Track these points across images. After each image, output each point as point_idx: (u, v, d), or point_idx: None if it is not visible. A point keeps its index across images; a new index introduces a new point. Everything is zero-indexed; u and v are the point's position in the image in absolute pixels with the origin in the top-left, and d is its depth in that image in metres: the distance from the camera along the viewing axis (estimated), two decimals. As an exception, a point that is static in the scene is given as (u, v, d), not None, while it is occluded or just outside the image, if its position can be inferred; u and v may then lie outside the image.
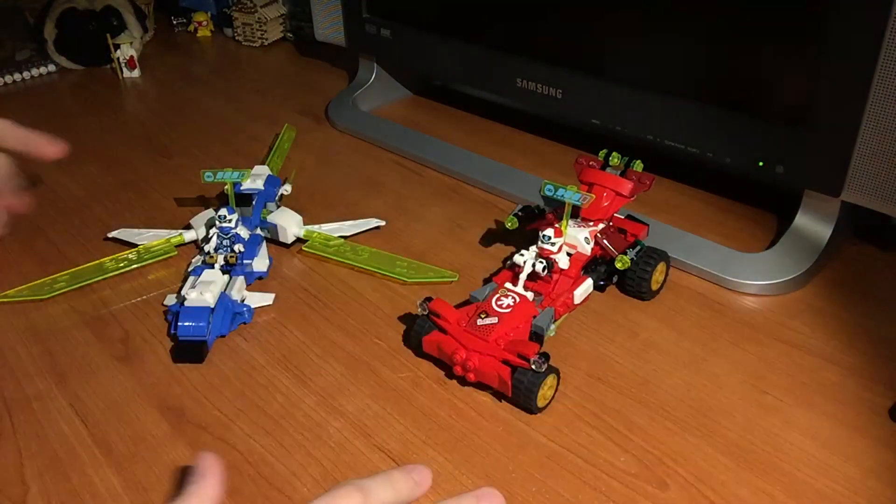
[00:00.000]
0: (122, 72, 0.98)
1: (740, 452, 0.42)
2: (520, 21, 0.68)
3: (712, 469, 0.41)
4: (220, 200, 0.67)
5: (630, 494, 0.40)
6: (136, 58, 0.98)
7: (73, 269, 0.58)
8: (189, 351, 0.49)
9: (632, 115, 0.62)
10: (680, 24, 0.58)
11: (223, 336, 0.51)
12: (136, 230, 0.62)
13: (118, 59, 0.97)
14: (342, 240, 0.60)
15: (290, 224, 0.60)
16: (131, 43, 0.99)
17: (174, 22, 1.15)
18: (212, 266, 0.53)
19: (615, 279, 0.54)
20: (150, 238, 0.61)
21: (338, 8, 0.83)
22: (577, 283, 0.50)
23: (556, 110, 0.68)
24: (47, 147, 0.52)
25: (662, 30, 0.59)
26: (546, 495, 0.40)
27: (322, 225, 0.62)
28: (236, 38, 1.09)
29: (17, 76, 0.97)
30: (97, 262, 0.59)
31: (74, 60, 1.00)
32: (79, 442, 0.44)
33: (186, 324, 0.49)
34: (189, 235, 0.61)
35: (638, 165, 0.53)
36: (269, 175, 0.63)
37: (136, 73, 0.98)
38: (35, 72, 0.98)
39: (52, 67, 1.00)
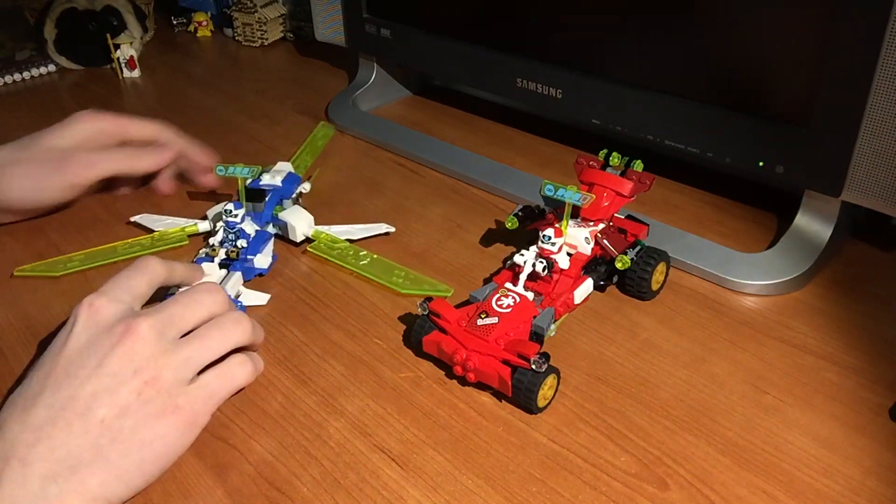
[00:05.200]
0: (122, 72, 0.98)
1: (740, 452, 0.42)
2: (520, 21, 0.68)
3: (712, 469, 0.41)
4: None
5: (630, 494, 0.40)
6: (136, 58, 0.98)
7: (87, 250, 0.60)
8: None
9: (632, 115, 0.62)
10: (680, 24, 0.58)
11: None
12: (155, 216, 0.64)
13: (118, 59, 0.97)
14: (347, 243, 0.60)
15: (299, 223, 0.60)
16: (131, 43, 0.98)
17: (174, 22, 1.15)
18: (212, 259, 0.54)
19: (615, 279, 0.54)
20: (169, 225, 0.62)
21: (338, 8, 0.83)
22: (577, 283, 0.50)
23: (556, 110, 0.68)
24: (200, 158, 0.67)
25: (663, 30, 0.59)
26: (546, 495, 0.40)
27: (332, 226, 0.62)
28: (236, 38, 1.09)
29: (17, 76, 0.97)
30: (111, 245, 0.60)
31: (74, 60, 1.00)
32: (79, 442, 0.44)
33: None
34: (203, 226, 0.62)
35: (638, 165, 0.53)
36: (290, 172, 0.63)
37: (136, 73, 0.98)
38: (35, 72, 0.98)
39: (52, 67, 1.00)
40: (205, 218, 0.62)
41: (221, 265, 0.54)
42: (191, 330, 0.43)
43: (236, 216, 0.55)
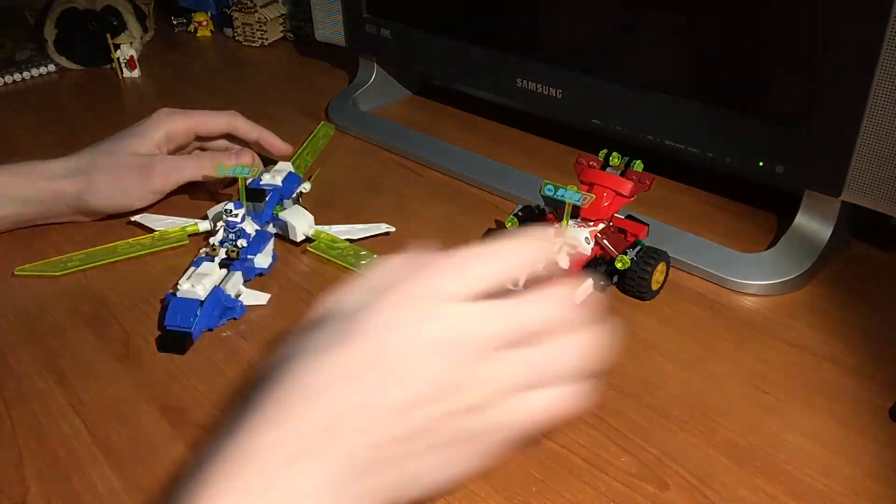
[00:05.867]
0: (122, 72, 0.98)
1: (740, 452, 0.42)
2: (520, 21, 0.68)
3: (712, 469, 0.41)
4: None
5: (630, 494, 0.40)
6: (136, 58, 0.98)
7: (87, 250, 0.60)
8: (174, 341, 0.50)
9: (632, 115, 0.62)
10: (680, 23, 0.58)
11: (210, 329, 0.52)
12: (156, 216, 0.64)
13: (118, 59, 0.97)
14: (347, 243, 0.60)
15: (300, 223, 0.60)
16: (131, 43, 0.99)
17: (174, 22, 1.15)
18: (212, 259, 0.54)
19: (615, 279, 0.54)
20: (169, 225, 0.62)
21: (338, 8, 0.83)
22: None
23: (556, 110, 0.68)
24: (277, 144, 0.70)
25: (663, 29, 0.59)
26: (546, 495, 0.40)
27: (332, 226, 0.62)
28: (236, 38, 1.09)
29: (17, 76, 0.97)
30: (111, 244, 0.60)
31: (74, 60, 1.00)
32: (79, 442, 0.44)
33: (174, 314, 0.50)
34: (204, 225, 0.62)
35: (638, 165, 0.53)
36: (290, 172, 0.63)
37: (136, 73, 0.98)
38: (35, 72, 0.98)
39: (52, 67, 1.00)
40: (205, 217, 0.62)
41: (222, 265, 0.54)
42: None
43: (237, 216, 0.55)
